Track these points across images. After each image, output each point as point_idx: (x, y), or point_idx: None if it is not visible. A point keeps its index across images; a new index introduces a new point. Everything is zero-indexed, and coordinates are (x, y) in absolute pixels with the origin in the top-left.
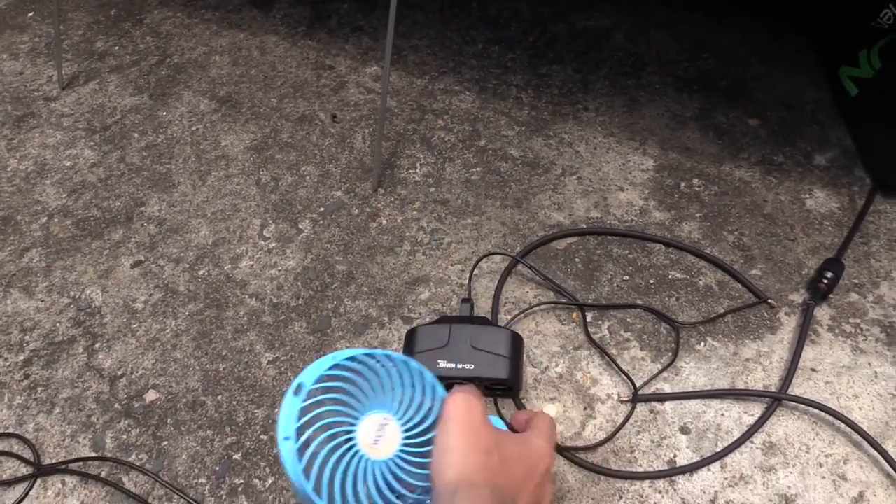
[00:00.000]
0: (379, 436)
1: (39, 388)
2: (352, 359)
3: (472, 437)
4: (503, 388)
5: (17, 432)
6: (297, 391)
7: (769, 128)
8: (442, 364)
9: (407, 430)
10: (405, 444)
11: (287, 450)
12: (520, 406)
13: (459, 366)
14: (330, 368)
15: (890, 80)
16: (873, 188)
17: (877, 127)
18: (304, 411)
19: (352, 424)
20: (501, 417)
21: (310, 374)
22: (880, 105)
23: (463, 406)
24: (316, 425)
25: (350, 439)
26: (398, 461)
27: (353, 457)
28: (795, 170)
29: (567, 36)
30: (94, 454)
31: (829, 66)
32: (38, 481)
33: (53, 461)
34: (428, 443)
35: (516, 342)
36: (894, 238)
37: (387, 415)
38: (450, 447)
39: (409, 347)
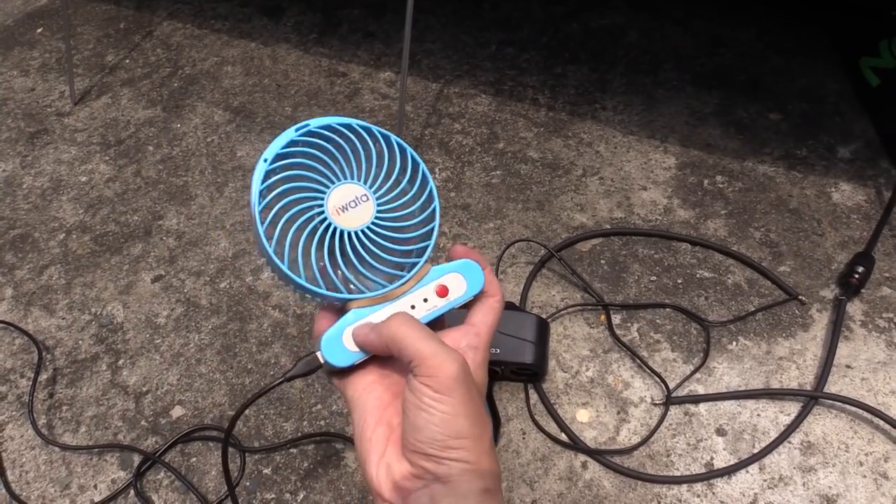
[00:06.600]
0: (350, 206)
1: (64, 407)
2: (326, 127)
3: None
4: (529, 373)
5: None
6: (266, 160)
7: (791, 121)
8: None
9: (382, 206)
10: (378, 218)
11: (254, 211)
12: (546, 400)
13: None
14: (301, 134)
15: None
16: None
17: None
18: (269, 174)
19: (321, 192)
20: None
21: (278, 141)
22: None
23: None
24: (281, 188)
25: (318, 205)
26: (367, 232)
27: (318, 221)
28: (820, 163)
29: (581, 35)
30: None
31: (848, 58)
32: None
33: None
34: (401, 219)
35: (542, 327)
36: None
37: (364, 189)
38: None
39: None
